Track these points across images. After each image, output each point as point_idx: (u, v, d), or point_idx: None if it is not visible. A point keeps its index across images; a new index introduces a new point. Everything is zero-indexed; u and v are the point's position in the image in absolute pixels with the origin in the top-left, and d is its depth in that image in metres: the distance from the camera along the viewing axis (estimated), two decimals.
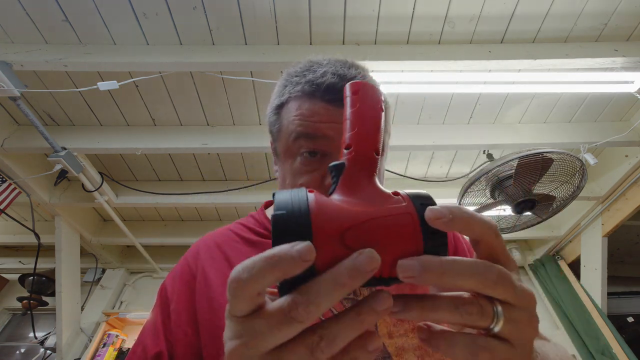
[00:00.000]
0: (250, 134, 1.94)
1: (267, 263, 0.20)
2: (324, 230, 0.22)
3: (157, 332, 0.50)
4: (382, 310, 0.21)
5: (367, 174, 0.27)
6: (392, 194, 0.26)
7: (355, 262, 0.21)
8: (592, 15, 1.56)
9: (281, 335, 0.20)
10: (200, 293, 0.51)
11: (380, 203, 0.25)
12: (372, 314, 0.21)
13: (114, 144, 1.89)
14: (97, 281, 2.91)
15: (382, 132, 0.29)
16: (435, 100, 1.91)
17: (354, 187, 0.27)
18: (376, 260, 0.21)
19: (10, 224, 2.51)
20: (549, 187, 1.68)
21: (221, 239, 0.58)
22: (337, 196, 0.26)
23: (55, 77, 1.70)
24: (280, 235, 0.21)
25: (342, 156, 0.28)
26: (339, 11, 1.53)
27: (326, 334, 0.21)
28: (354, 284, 0.20)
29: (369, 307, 0.21)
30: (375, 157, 0.28)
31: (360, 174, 0.27)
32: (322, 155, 0.50)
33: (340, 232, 0.22)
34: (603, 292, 2.40)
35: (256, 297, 0.21)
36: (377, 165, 0.28)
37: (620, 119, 2.03)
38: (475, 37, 1.63)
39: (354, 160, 0.27)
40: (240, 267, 0.21)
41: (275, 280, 0.20)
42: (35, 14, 1.47)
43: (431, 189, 2.30)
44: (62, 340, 2.39)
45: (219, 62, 1.55)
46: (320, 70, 0.50)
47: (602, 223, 2.38)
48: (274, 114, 0.55)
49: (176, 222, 2.79)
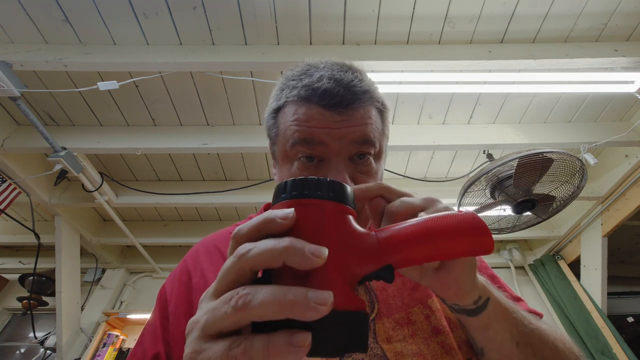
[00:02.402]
0: (250, 134, 1.94)
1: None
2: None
3: (155, 333, 0.50)
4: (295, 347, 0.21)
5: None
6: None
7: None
8: (592, 15, 1.56)
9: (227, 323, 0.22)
10: (199, 295, 0.51)
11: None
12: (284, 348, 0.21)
13: (114, 144, 1.89)
14: (97, 281, 2.91)
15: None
16: (435, 100, 1.91)
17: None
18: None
19: (10, 224, 2.51)
20: (549, 187, 1.67)
21: (221, 241, 0.58)
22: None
23: (55, 77, 1.70)
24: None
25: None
26: (339, 11, 1.53)
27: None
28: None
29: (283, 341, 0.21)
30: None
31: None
32: (319, 160, 0.50)
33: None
34: (603, 292, 2.40)
35: (249, 273, 0.23)
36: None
37: (620, 119, 2.03)
38: (475, 37, 1.63)
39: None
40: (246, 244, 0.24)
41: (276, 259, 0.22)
42: (35, 14, 1.47)
43: (431, 188, 2.30)
44: (62, 340, 2.39)
45: (219, 62, 1.55)
46: (317, 75, 0.50)
47: (602, 223, 2.38)
48: (272, 118, 0.55)
49: (176, 222, 2.79)
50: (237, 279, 0.24)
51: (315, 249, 0.22)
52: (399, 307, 0.50)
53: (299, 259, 0.22)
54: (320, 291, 0.21)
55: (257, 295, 0.21)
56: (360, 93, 0.50)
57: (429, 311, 0.49)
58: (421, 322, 0.48)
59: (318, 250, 0.22)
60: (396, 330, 0.47)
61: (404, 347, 0.46)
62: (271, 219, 0.25)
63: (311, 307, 0.21)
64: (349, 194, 0.28)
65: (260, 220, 0.25)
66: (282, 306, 0.21)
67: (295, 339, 0.21)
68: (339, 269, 0.25)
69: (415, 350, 0.46)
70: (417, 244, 0.27)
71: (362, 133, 0.49)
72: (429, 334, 0.47)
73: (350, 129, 0.49)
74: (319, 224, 0.25)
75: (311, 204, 0.25)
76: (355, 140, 0.49)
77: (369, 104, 0.51)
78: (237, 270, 0.23)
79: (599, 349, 2.24)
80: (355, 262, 0.26)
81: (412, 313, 0.49)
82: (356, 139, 0.49)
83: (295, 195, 0.26)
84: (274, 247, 0.23)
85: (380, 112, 0.54)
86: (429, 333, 0.47)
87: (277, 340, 0.21)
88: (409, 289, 0.52)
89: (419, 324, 0.48)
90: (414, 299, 0.51)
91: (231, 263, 0.24)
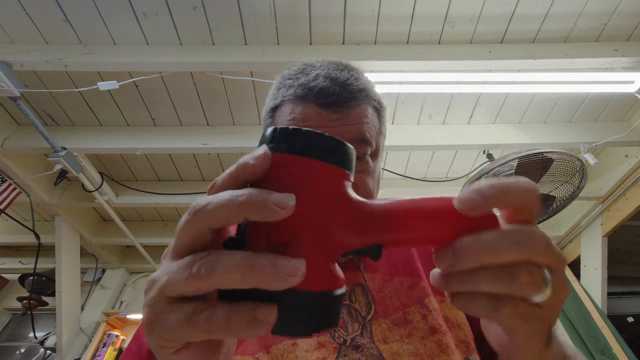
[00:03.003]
0: (250, 134, 1.94)
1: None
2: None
3: None
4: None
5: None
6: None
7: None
8: (592, 15, 1.56)
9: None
10: None
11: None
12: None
13: (114, 144, 1.89)
14: (97, 281, 2.91)
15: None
16: (435, 100, 1.91)
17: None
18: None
19: (10, 224, 2.50)
20: (549, 187, 1.68)
21: None
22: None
23: (55, 77, 1.70)
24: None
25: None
26: (339, 11, 1.53)
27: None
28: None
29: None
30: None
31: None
32: None
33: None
34: (603, 292, 2.40)
35: (207, 232, 0.21)
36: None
37: (620, 119, 2.03)
38: (475, 37, 1.63)
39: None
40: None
41: (240, 215, 0.20)
42: (35, 14, 1.47)
43: (431, 188, 2.30)
44: (62, 340, 2.39)
45: (219, 62, 1.55)
46: (313, 73, 0.50)
47: (602, 223, 2.38)
48: (269, 117, 0.55)
49: (176, 222, 2.76)
50: (196, 238, 0.21)
51: (279, 199, 0.19)
52: (396, 307, 0.50)
53: (261, 211, 0.19)
54: (290, 259, 0.19)
55: (222, 263, 0.19)
56: (356, 91, 0.50)
57: (426, 310, 0.49)
58: (418, 322, 0.48)
59: (283, 199, 0.20)
60: (393, 330, 0.48)
61: (400, 347, 0.46)
62: (244, 162, 0.21)
63: (280, 276, 0.19)
64: (349, 155, 0.23)
65: (234, 167, 0.22)
66: (247, 274, 0.19)
67: (260, 312, 0.19)
68: (321, 240, 0.22)
69: (412, 350, 0.46)
70: (418, 218, 0.23)
71: (359, 132, 0.49)
72: (425, 333, 0.47)
73: (346, 127, 0.49)
74: (306, 185, 0.21)
75: (301, 164, 0.21)
76: (351, 139, 0.49)
77: (365, 103, 0.51)
78: (194, 229, 0.21)
79: (599, 349, 2.23)
80: (343, 233, 0.22)
81: (408, 312, 0.49)
82: (353, 137, 0.49)
83: (283, 149, 0.21)
84: (231, 200, 0.20)
85: (377, 111, 0.54)
86: (426, 332, 0.47)
87: (240, 311, 0.19)
88: (406, 288, 0.52)
89: (415, 324, 0.48)
90: (411, 298, 0.51)
91: (186, 220, 0.21)
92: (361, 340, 0.47)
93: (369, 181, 0.51)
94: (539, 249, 0.22)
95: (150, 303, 0.22)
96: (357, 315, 0.50)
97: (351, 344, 0.47)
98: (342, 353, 0.46)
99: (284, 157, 0.21)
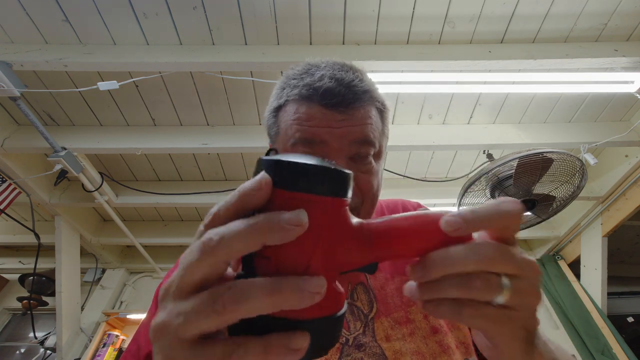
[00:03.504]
0: (250, 134, 1.94)
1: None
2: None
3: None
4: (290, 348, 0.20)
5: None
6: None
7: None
8: (592, 15, 1.56)
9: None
10: None
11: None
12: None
13: (114, 144, 1.89)
14: (97, 281, 2.91)
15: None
16: (435, 100, 1.91)
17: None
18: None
19: (10, 224, 2.51)
20: (549, 187, 1.67)
21: None
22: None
23: (55, 77, 1.70)
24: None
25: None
26: (339, 11, 1.53)
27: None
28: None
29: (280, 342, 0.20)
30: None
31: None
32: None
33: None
34: (603, 292, 2.40)
35: (224, 266, 0.20)
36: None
37: (620, 119, 2.03)
38: (475, 37, 1.63)
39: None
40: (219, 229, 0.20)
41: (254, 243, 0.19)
42: (35, 14, 1.47)
43: (431, 188, 2.30)
44: (62, 340, 2.39)
45: (219, 62, 1.55)
46: (318, 74, 0.50)
47: (602, 223, 2.38)
48: (272, 117, 0.55)
49: (176, 222, 2.79)
50: (210, 273, 0.20)
51: (291, 218, 0.19)
52: (398, 306, 0.50)
53: (279, 233, 0.19)
54: (310, 277, 0.20)
55: (247, 291, 0.19)
56: (361, 93, 0.50)
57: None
58: (420, 321, 0.49)
59: (295, 217, 0.20)
60: (395, 329, 0.48)
61: (402, 346, 0.46)
62: (246, 191, 0.21)
63: (306, 295, 0.19)
64: (347, 183, 0.24)
65: (235, 197, 0.21)
66: (275, 297, 0.19)
67: (294, 342, 0.19)
68: (327, 266, 0.23)
69: (414, 349, 0.46)
70: (411, 237, 0.25)
71: (363, 133, 0.49)
72: (427, 333, 0.47)
73: (350, 128, 0.49)
74: (310, 217, 0.21)
75: (304, 199, 0.21)
76: (355, 140, 0.49)
77: (370, 104, 0.52)
78: (209, 264, 0.20)
79: (599, 349, 2.24)
80: (345, 256, 0.24)
81: (410, 312, 0.50)
82: (356, 139, 0.49)
83: (285, 186, 0.21)
84: (247, 228, 0.19)
85: (380, 112, 0.54)
86: (428, 332, 0.48)
87: (274, 343, 0.19)
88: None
89: (417, 323, 0.48)
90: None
91: (200, 255, 0.20)
92: (363, 339, 0.47)
93: (372, 181, 0.51)
94: (493, 259, 0.24)
95: (166, 352, 0.20)
96: (360, 313, 0.50)
97: (354, 343, 0.47)
98: (344, 353, 0.46)
99: (285, 193, 0.21)
